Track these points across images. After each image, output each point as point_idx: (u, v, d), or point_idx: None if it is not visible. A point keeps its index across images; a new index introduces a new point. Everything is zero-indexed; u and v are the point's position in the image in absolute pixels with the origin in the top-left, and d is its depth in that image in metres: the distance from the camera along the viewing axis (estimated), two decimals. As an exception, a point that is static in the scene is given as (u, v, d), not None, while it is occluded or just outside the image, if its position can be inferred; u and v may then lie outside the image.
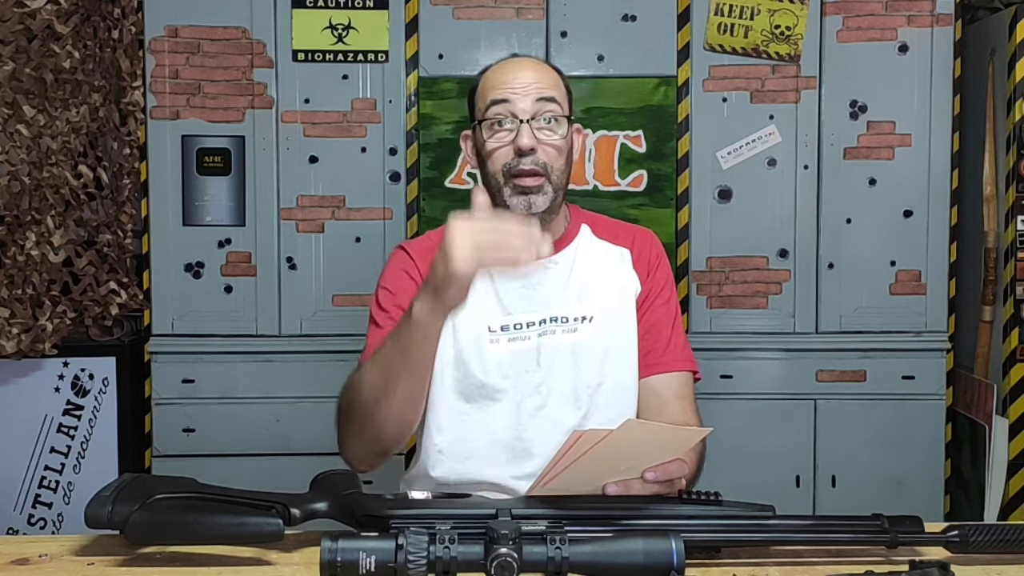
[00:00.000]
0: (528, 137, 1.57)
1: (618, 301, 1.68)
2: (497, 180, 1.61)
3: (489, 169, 1.62)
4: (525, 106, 1.59)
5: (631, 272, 1.71)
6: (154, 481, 1.33)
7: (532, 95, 1.59)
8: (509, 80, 1.61)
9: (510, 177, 1.59)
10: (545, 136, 1.60)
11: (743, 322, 3.06)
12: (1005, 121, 2.97)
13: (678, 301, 1.76)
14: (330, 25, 3.01)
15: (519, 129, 1.58)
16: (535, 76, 1.61)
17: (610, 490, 1.29)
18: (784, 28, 3.00)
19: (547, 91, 1.61)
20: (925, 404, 3.05)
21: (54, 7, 2.79)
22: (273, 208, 3.03)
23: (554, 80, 1.65)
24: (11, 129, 2.85)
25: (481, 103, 1.63)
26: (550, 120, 1.60)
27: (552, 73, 1.66)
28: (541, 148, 1.59)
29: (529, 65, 1.65)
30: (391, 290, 1.66)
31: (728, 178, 3.05)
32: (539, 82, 1.61)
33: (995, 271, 3.01)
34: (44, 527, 3.06)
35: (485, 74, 1.67)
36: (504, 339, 1.63)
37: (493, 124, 1.60)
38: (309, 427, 3.01)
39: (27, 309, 2.92)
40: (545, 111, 1.60)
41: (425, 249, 1.70)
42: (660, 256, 1.76)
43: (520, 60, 1.69)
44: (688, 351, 1.72)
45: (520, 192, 1.59)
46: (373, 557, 1.02)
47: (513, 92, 1.59)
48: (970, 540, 1.22)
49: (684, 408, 1.65)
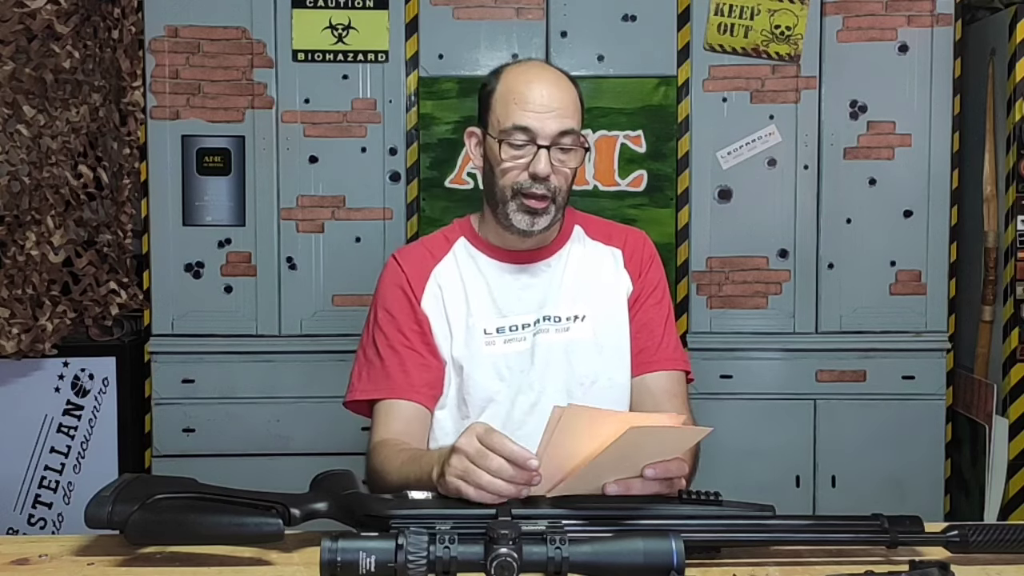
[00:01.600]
0: (545, 164, 1.58)
1: (610, 300, 1.71)
2: (504, 194, 1.62)
3: (498, 180, 1.63)
4: (546, 134, 1.59)
5: (623, 272, 1.73)
6: (154, 481, 1.33)
7: (555, 124, 1.59)
8: (533, 101, 1.59)
9: (519, 194, 1.61)
10: (559, 163, 1.61)
11: (743, 322, 3.06)
12: (1005, 121, 2.97)
13: (671, 302, 1.78)
14: (330, 25, 3.01)
15: (537, 154, 1.59)
16: (559, 100, 1.60)
17: (610, 490, 1.29)
18: (784, 28, 3.00)
19: (568, 120, 1.60)
20: (925, 404, 3.05)
21: (54, 7, 2.79)
22: (273, 208, 3.03)
23: (575, 105, 1.64)
24: (11, 129, 2.85)
25: (502, 117, 1.61)
26: (567, 150, 1.61)
27: (573, 94, 1.65)
28: (554, 174, 1.60)
29: (553, 82, 1.62)
30: (392, 313, 1.68)
31: (728, 178, 3.05)
32: (562, 109, 1.60)
33: (995, 271, 3.01)
34: (44, 527, 3.06)
35: (507, 80, 1.64)
36: (500, 340, 1.66)
37: (511, 144, 1.60)
38: (309, 427, 3.01)
39: (27, 309, 2.92)
40: (564, 140, 1.60)
41: (420, 257, 1.72)
42: (653, 257, 1.78)
43: (543, 74, 1.65)
44: (680, 351, 1.74)
45: (526, 211, 1.61)
46: (373, 557, 1.02)
47: (536, 118, 1.59)
48: (970, 540, 1.22)
49: (677, 406, 1.66)
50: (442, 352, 1.67)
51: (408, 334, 1.66)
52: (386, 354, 1.65)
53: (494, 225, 1.69)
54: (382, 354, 1.65)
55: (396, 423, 1.61)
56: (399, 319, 1.67)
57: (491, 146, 1.64)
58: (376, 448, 1.57)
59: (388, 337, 1.66)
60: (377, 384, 1.65)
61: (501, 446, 1.22)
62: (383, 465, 1.51)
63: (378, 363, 1.65)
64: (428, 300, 1.69)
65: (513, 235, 1.66)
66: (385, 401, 1.64)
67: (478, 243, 1.74)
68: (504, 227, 1.65)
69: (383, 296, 1.71)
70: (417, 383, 1.64)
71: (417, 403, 1.63)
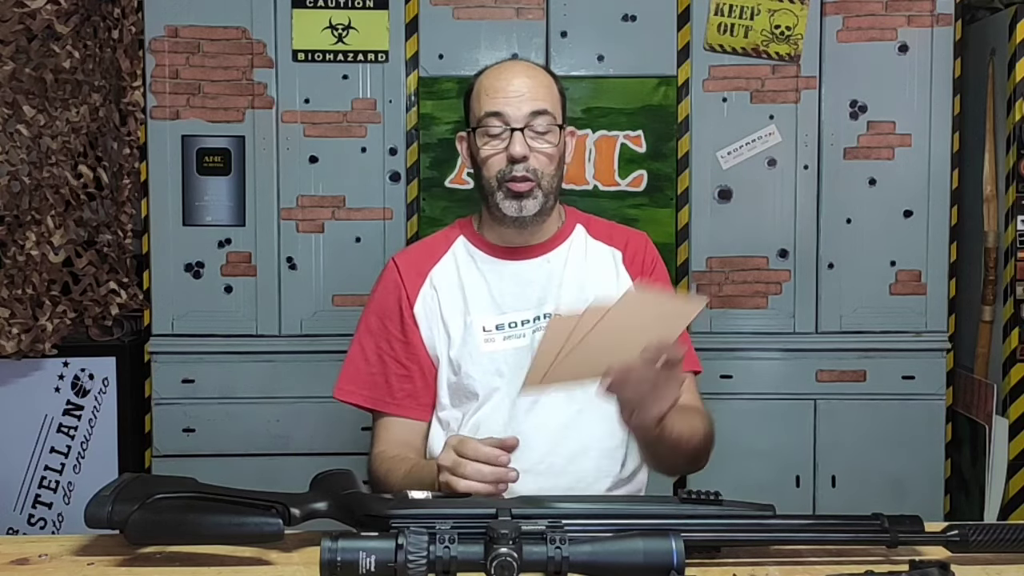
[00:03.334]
0: (520, 145, 1.63)
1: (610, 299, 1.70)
2: (491, 185, 1.67)
3: (484, 174, 1.68)
4: (518, 116, 1.64)
5: (623, 272, 1.75)
6: (154, 481, 1.34)
7: (525, 106, 1.64)
8: (502, 88, 1.65)
9: (503, 183, 1.65)
10: (537, 144, 1.65)
11: (743, 322, 3.06)
12: (1005, 121, 2.97)
13: None
14: (330, 25, 3.00)
15: (512, 137, 1.63)
16: (528, 85, 1.65)
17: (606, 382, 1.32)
18: (784, 28, 3.00)
19: (539, 102, 1.65)
20: (925, 404, 3.05)
21: (54, 7, 2.79)
22: (273, 208, 3.03)
23: (547, 88, 1.68)
24: (11, 129, 2.84)
25: (476, 110, 1.68)
26: (543, 132, 1.65)
27: (545, 79, 1.70)
28: (533, 155, 1.64)
29: (522, 71, 1.68)
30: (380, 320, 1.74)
31: (728, 178, 3.05)
32: (532, 91, 1.65)
33: (995, 271, 3.01)
34: (44, 527, 3.06)
35: (480, 79, 1.71)
36: (500, 337, 1.68)
37: (487, 133, 1.65)
38: (309, 427, 3.01)
39: (27, 309, 2.91)
40: (538, 123, 1.64)
41: (418, 259, 1.76)
42: (655, 260, 1.79)
43: (513, 66, 1.72)
44: (689, 350, 1.73)
45: (512, 196, 1.65)
46: (373, 557, 1.03)
47: (506, 102, 1.64)
48: (970, 540, 1.22)
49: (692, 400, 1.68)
50: (436, 355, 1.69)
51: (393, 343, 1.72)
52: (371, 359, 1.73)
53: (490, 221, 1.73)
54: (368, 358, 1.73)
55: (393, 436, 1.71)
56: (386, 327, 1.73)
57: (473, 141, 1.69)
58: (377, 458, 1.67)
59: (374, 342, 1.74)
60: (359, 387, 1.73)
61: (474, 452, 1.35)
62: (387, 476, 1.61)
63: (363, 367, 1.74)
64: (422, 303, 1.72)
65: (508, 227, 1.69)
66: (381, 418, 1.73)
67: (477, 241, 1.76)
68: (497, 220, 1.69)
69: (375, 300, 1.77)
70: (398, 395, 1.71)
71: (402, 417, 1.72)
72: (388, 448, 1.68)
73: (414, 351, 1.71)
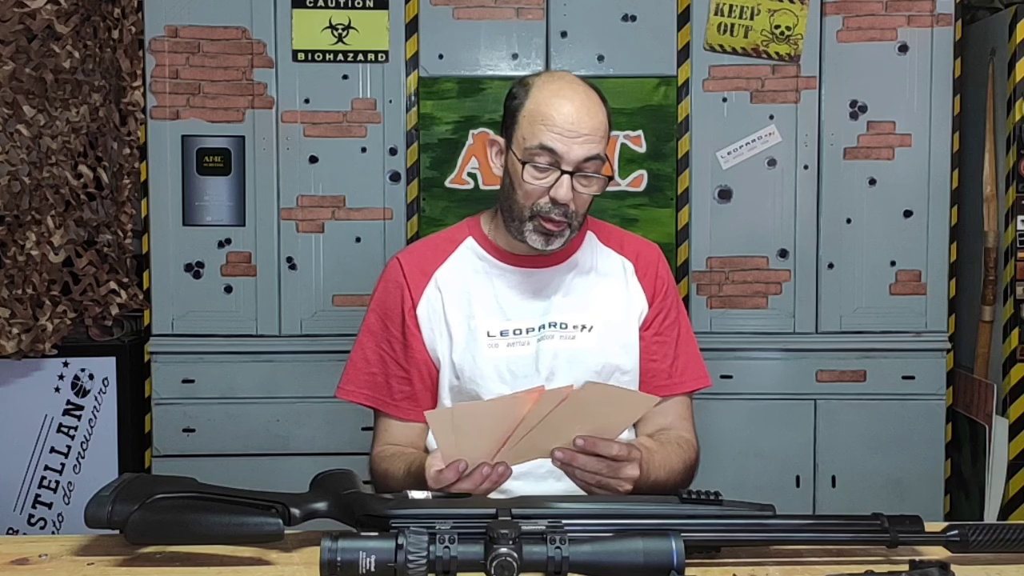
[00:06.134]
0: (567, 191, 1.57)
1: (620, 314, 1.71)
2: (522, 213, 1.61)
3: (518, 199, 1.61)
4: (570, 159, 1.57)
5: (635, 286, 1.73)
6: (154, 481, 1.33)
7: (581, 149, 1.56)
8: (560, 124, 1.56)
9: (537, 215, 1.60)
10: (581, 187, 1.59)
11: (743, 322, 3.06)
12: (1005, 121, 2.97)
13: (686, 316, 1.79)
14: (330, 25, 3.00)
15: (560, 180, 1.57)
16: (588, 125, 1.57)
17: (557, 455, 1.38)
18: (784, 28, 3.00)
19: (596, 146, 1.58)
20: (925, 404, 3.05)
21: (54, 7, 2.79)
22: (273, 208, 3.03)
23: (604, 129, 1.61)
24: (11, 129, 2.84)
25: (528, 134, 1.59)
26: (590, 177, 1.60)
27: (601, 113, 1.61)
28: (574, 200, 1.59)
29: (583, 104, 1.58)
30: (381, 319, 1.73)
31: (728, 178, 3.05)
32: (591, 132, 1.57)
33: (995, 271, 3.01)
34: (44, 527, 3.06)
35: (536, 96, 1.60)
36: (503, 344, 1.66)
37: (535, 166, 1.58)
38: (309, 427, 3.01)
39: (27, 309, 2.91)
40: (588, 167, 1.59)
41: (422, 258, 1.73)
42: (668, 278, 1.77)
43: (574, 96, 1.59)
44: (696, 366, 1.75)
45: (542, 232, 1.61)
46: (373, 557, 1.03)
47: (562, 140, 1.56)
48: (970, 540, 1.22)
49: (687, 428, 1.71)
50: (437, 357, 1.68)
51: (393, 344, 1.71)
52: (372, 359, 1.72)
53: (506, 233, 1.69)
54: (368, 358, 1.72)
55: (393, 437, 1.71)
56: (387, 328, 1.72)
57: (513, 163, 1.61)
58: (377, 457, 1.68)
59: (375, 343, 1.73)
60: (360, 387, 1.72)
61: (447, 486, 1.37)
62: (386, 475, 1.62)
63: (363, 366, 1.73)
64: (425, 304, 1.70)
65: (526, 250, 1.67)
66: (381, 417, 1.73)
67: (487, 245, 1.73)
68: (517, 240, 1.66)
69: (378, 299, 1.75)
70: (397, 396, 1.70)
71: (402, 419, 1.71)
72: (388, 448, 1.68)
73: (414, 354, 1.69)
